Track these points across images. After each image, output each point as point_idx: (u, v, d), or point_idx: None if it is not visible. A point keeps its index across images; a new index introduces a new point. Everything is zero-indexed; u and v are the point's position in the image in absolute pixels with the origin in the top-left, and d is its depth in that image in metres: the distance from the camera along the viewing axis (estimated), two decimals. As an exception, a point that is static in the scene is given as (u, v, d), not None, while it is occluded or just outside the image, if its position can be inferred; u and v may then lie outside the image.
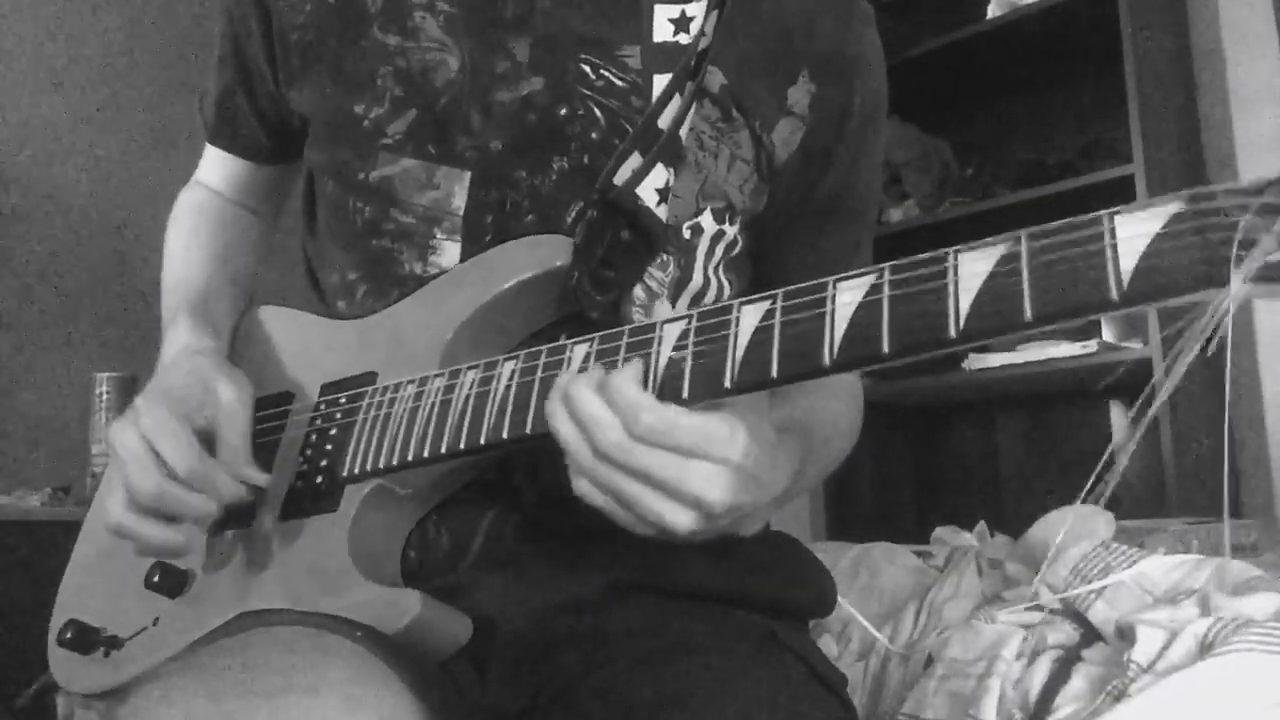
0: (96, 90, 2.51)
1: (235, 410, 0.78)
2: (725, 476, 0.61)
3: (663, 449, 0.60)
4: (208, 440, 0.78)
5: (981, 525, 1.64)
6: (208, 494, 0.76)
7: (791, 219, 0.87)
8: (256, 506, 0.81)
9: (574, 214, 0.80)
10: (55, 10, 2.47)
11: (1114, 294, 0.49)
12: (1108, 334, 2.19)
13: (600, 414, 0.61)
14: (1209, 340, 0.49)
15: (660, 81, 0.80)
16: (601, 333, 0.67)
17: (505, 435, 0.68)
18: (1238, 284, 0.46)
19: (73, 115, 2.47)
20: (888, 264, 0.56)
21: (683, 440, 0.60)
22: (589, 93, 0.81)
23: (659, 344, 0.63)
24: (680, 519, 0.61)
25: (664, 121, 0.79)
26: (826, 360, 0.56)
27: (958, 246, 0.55)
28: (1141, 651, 0.86)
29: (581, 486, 0.63)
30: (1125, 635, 0.91)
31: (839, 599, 0.92)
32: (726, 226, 0.84)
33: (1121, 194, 2.09)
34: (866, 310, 0.56)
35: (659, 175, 0.78)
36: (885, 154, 2.58)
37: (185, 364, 0.83)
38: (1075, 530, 1.20)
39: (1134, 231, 0.49)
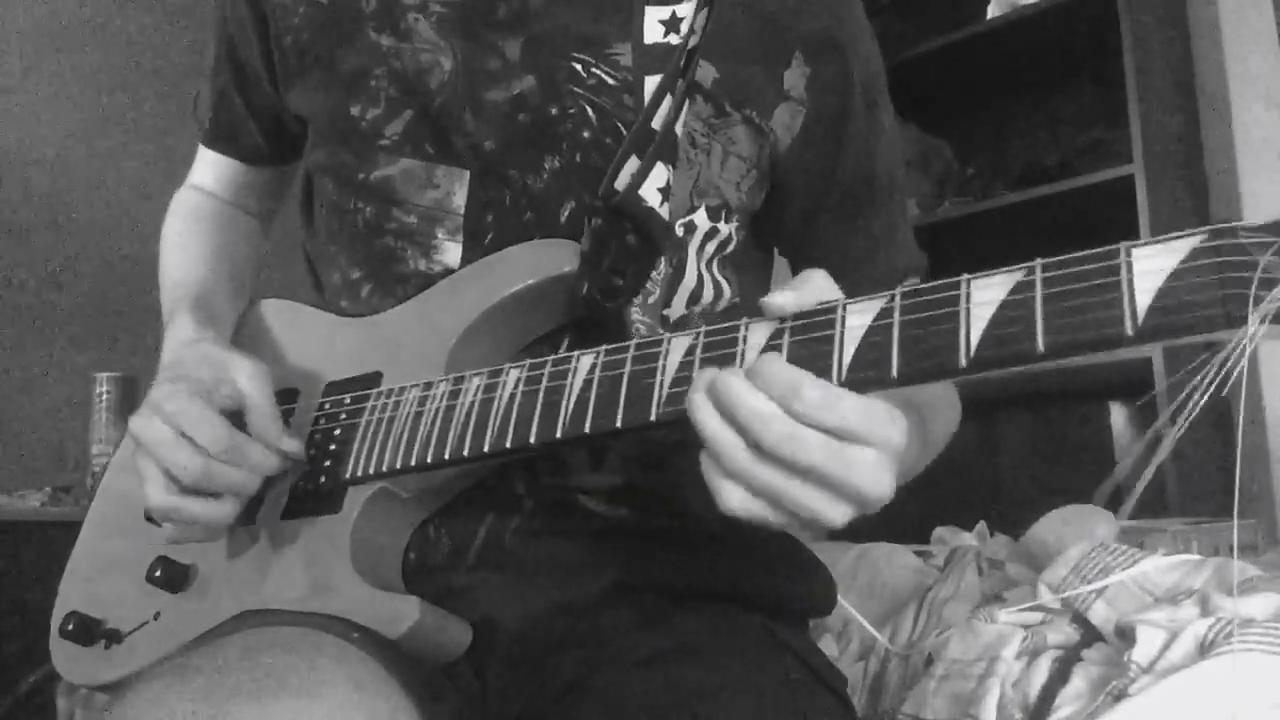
0: (96, 90, 2.51)
1: (257, 385, 0.78)
2: (886, 464, 0.55)
3: (827, 432, 0.53)
4: (230, 419, 0.78)
5: (981, 525, 1.64)
6: (245, 467, 0.76)
7: (819, 208, 0.87)
8: (260, 504, 0.81)
9: (568, 212, 0.80)
10: (56, 16, 2.47)
11: (1129, 330, 0.48)
12: (1108, 334, 2.19)
13: (761, 406, 0.54)
14: (1224, 380, 0.48)
15: (651, 83, 0.80)
16: (607, 345, 0.66)
17: (509, 444, 0.67)
18: (1255, 325, 0.45)
19: (72, 116, 2.47)
20: (899, 289, 0.56)
21: (848, 418, 0.53)
22: (580, 91, 0.80)
23: (665, 357, 0.62)
24: (838, 514, 0.55)
25: (658, 122, 0.78)
26: (833, 382, 0.55)
27: (970, 274, 0.54)
28: (1141, 651, 0.86)
29: (736, 498, 0.55)
30: (1125, 635, 0.91)
31: (838, 599, 0.92)
32: (721, 224, 0.84)
33: (1121, 194, 2.09)
34: (875, 335, 0.55)
35: (659, 174, 0.78)
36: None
37: (192, 352, 0.83)
38: (1075, 531, 1.20)
39: (1151, 266, 0.48)
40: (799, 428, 0.53)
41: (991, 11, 2.45)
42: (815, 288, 0.59)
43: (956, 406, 0.87)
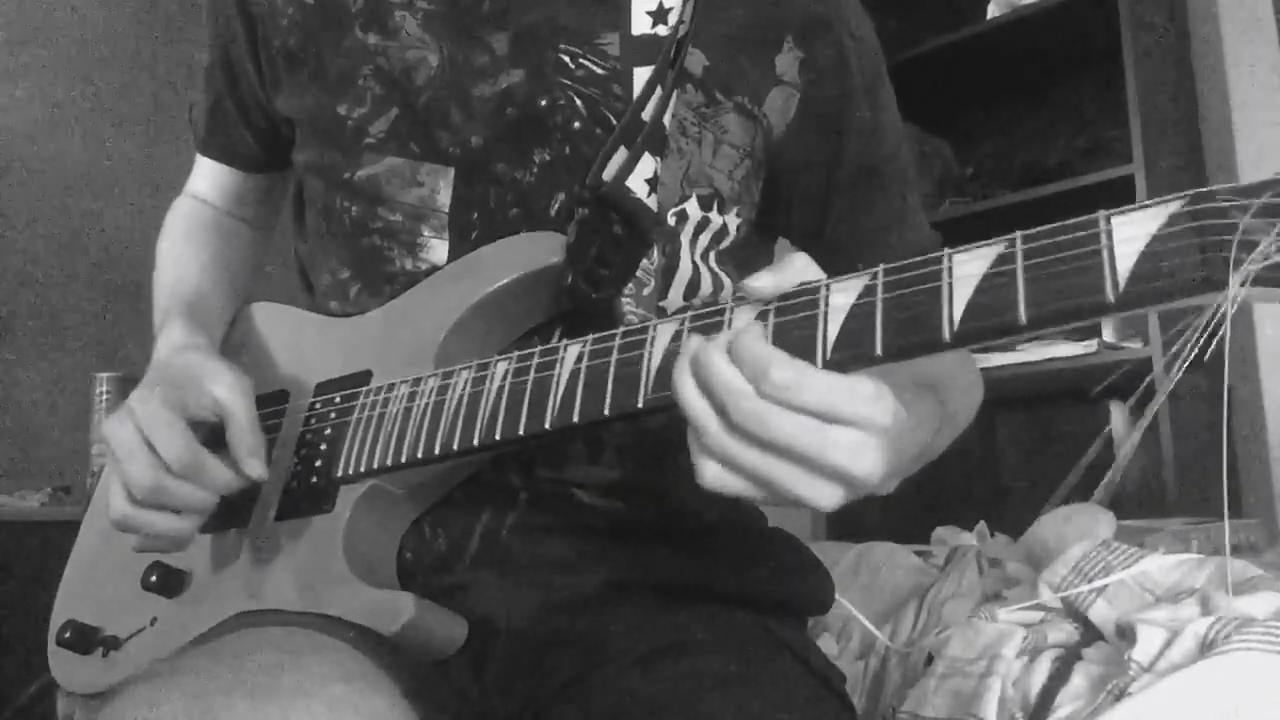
0: (98, 89, 2.51)
1: (237, 396, 0.77)
2: (872, 444, 0.53)
3: (798, 412, 0.52)
4: (203, 431, 0.77)
5: (981, 525, 1.64)
6: (203, 486, 0.75)
7: (828, 192, 0.87)
8: (253, 506, 0.80)
9: (557, 205, 0.80)
10: (46, 13, 2.47)
11: (1110, 296, 0.48)
12: (1107, 334, 2.19)
13: (733, 380, 0.53)
14: (1208, 344, 0.48)
15: (640, 74, 0.80)
16: (595, 334, 0.66)
17: (499, 436, 0.67)
18: (1236, 287, 0.45)
19: (70, 114, 2.47)
20: (881, 266, 0.56)
21: (819, 399, 0.52)
22: (569, 82, 0.80)
23: (651, 344, 0.62)
24: (823, 495, 0.53)
25: (647, 114, 0.78)
26: (819, 363, 0.55)
27: (952, 249, 0.54)
28: (1142, 650, 0.86)
29: (710, 473, 0.54)
30: (1125, 634, 0.91)
31: (838, 598, 0.92)
32: (714, 214, 0.83)
33: (1121, 194, 2.09)
34: (859, 312, 0.55)
35: (647, 165, 0.78)
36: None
37: (178, 359, 0.83)
38: (1076, 530, 1.20)
39: (1131, 233, 0.48)
40: (768, 406, 0.52)
41: (991, 11, 2.45)
42: (795, 269, 0.59)
43: (978, 384, 0.87)
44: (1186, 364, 0.49)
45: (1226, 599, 0.91)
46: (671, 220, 0.81)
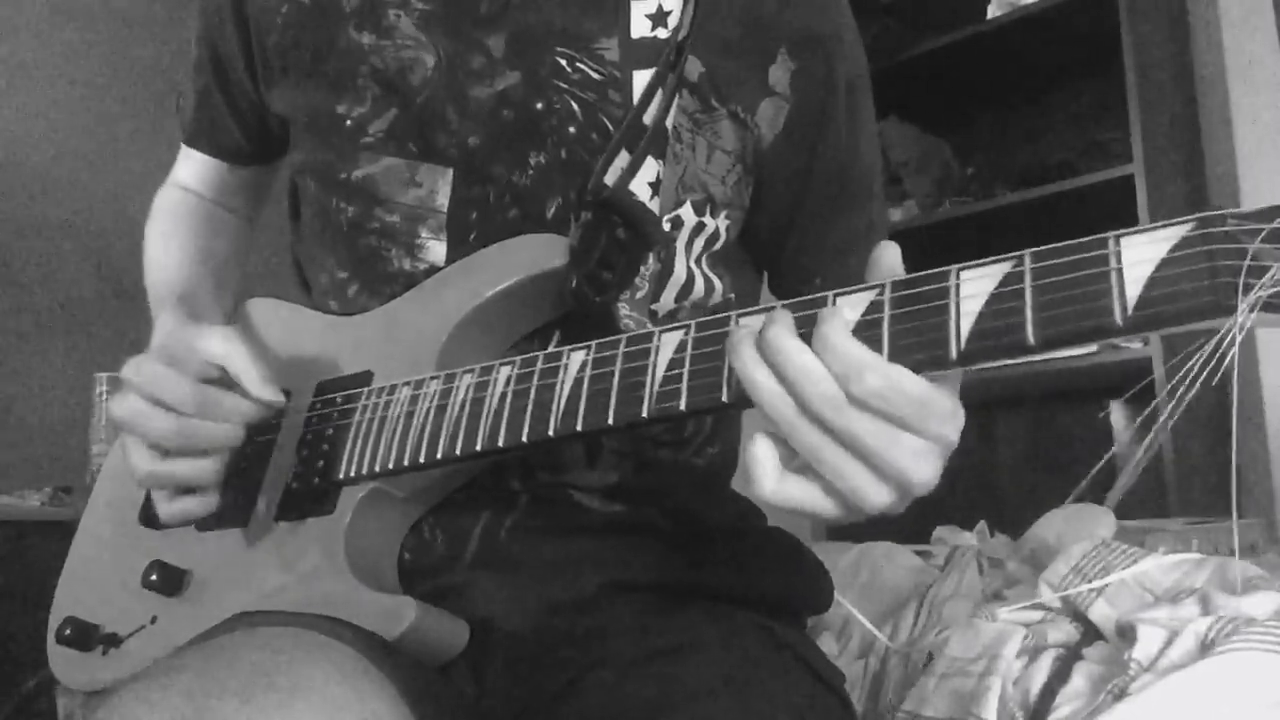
0: (96, 88, 2.51)
1: (231, 345, 0.77)
2: (935, 453, 0.53)
3: (879, 416, 0.51)
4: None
5: (981, 525, 1.64)
6: (222, 418, 0.75)
7: (799, 203, 0.87)
8: (253, 506, 0.80)
9: (554, 208, 0.80)
10: (47, 15, 2.47)
11: (1119, 320, 0.48)
12: (1108, 334, 2.19)
13: (812, 365, 0.51)
14: (1216, 368, 0.48)
15: (639, 77, 0.80)
16: (598, 340, 0.66)
17: (501, 443, 0.67)
18: (1244, 313, 0.45)
19: (73, 114, 2.47)
20: (889, 280, 0.55)
21: (904, 409, 0.51)
22: (565, 86, 0.80)
23: (656, 353, 0.62)
24: (878, 496, 0.53)
25: (649, 118, 0.78)
26: None
27: (960, 264, 0.53)
28: (1142, 650, 0.86)
29: (787, 487, 0.53)
30: (1126, 634, 0.91)
31: (838, 597, 0.92)
32: (707, 219, 0.83)
33: (1121, 194, 2.09)
34: (865, 329, 0.54)
35: (650, 169, 0.78)
36: (885, 154, 2.55)
37: (169, 339, 0.82)
38: (1076, 530, 1.20)
39: (1140, 256, 0.48)
40: (843, 397, 0.51)
41: (991, 11, 2.46)
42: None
43: None
44: (1193, 391, 0.49)
45: (1227, 599, 0.91)
46: (667, 225, 0.81)
